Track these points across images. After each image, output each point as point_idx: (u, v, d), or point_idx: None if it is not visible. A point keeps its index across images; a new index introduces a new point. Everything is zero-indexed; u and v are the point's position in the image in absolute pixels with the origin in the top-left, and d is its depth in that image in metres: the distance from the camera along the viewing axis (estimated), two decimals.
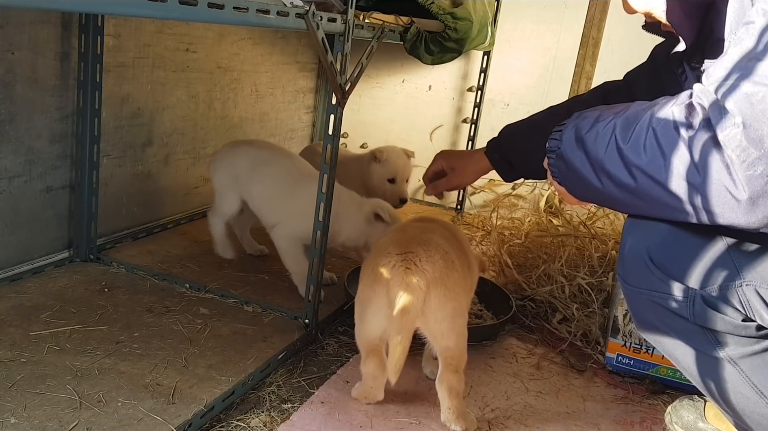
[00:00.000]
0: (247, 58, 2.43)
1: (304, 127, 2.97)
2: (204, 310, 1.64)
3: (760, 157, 0.78)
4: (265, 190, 1.80)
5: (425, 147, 2.92)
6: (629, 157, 0.91)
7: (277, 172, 1.80)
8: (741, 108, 0.79)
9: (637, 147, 0.90)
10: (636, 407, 1.50)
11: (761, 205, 0.79)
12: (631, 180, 0.92)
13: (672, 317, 1.01)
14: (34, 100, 1.64)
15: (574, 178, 1.03)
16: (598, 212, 2.44)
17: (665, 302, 1.01)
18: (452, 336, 1.26)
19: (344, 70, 1.43)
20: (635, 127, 0.91)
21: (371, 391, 1.35)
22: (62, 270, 1.77)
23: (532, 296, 1.93)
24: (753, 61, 0.80)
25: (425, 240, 1.30)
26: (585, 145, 0.99)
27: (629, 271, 1.06)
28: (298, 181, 1.77)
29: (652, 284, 1.02)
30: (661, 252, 1.01)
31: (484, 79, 2.70)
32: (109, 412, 1.19)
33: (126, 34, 1.87)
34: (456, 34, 1.95)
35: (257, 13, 1.17)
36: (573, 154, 1.02)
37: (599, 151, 0.96)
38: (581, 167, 1.00)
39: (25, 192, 1.68)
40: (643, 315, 1.08)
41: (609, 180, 0.95)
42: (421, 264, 1.23)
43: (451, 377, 1.26)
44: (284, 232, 1.74)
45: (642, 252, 1.03)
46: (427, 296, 1.21)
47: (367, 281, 1.29)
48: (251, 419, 1.27)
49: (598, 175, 0.97)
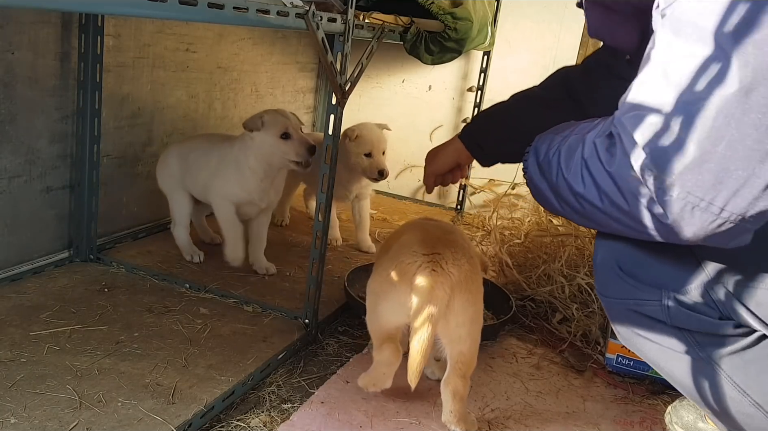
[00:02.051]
0: (247, 58, 2.43)
1: (304, 127, 2.96)
2: (204, 310, 1.64)
3: (672, 183, 0.79)
4: (197, 172, 1.89)
5: (425, 147, 2.89)
6: (573, 186, 0.95)
7: (199, 152, 1.91)
8: (645, 137, 0.81)
9: (576, 176, 0.94)
10: (636, 407, 1.50)
11: (687, 224, 0.81)
12: (578, 205, 0.95)
13: (650, 323, 1.03)
14: (34, 100, 1.64)
15: (541, 200, 1.07)
16: None
17: (641, 308, 1.03)
18: (468, 341, 1.25)
19: (344, 70, 1.43)
20: (574, 156, 0.95)
21: (382, 378, 1.32)
22: (62, 270, 1.77)
23: (532, 296, 1.93)
24: (653, 85, 0.82)
25: (450, 241, 1.28)
26: (543, 171, 1.03)
27: (603, 283, 1.09)
28: (214, 149, 1.88)
29: (626, 292, 1.04)
30: (629, 260, 1.04)
31: (484, 79, 2.70)
32: (109, 412, 1.19)
33: (126, 34, 1.87)
34: (456, 34, 1.95)
35: (257, 13, 1.17)
36: (537, 178, 1.06)
37: (553, 178, 1.00)
38: (544, 190, 1.04)
39: (25, 192, 1.68)
40: (623, 324, 1.09)
41: (565, 204, 0.99)
42: (447, 267, 1.21)
43: (458, 381, 1.26)
44: (216, 198, 1.86)
45: (612, 263, 1.06)
46: (451, 300, 1.20)
47: (385, 274, 1.27)
48: (251, 419, 1.27)
49: (557, 198, 1.01)
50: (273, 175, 1.85)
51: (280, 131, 1.76)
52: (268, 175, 1.83)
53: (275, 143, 1.76)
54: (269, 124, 1.76)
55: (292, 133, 1.77)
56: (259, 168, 1.80)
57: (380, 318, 1.29)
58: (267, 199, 1.88)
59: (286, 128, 1.76)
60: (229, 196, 1.83)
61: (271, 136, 1.76)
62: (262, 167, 1.80)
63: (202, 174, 1.88)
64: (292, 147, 1.76)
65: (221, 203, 1.84)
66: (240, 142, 1.82)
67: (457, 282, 1.21)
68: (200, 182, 1.89)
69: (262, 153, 1.78)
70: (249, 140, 1.78)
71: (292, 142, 1.76)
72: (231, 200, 1.84)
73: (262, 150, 1.77)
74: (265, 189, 1.84)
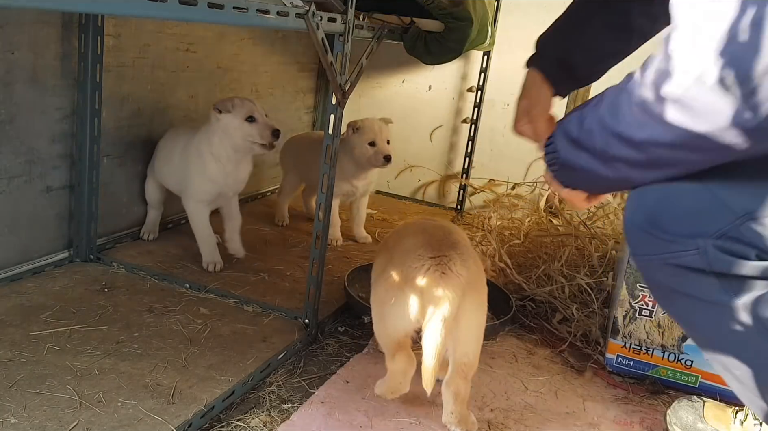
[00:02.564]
0: (247, 58, 2.43)
1: (304, 127, 2.97)
2: (204, 310, 1.64)
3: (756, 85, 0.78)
4: (164, 164, 1.99)
5: (425, 147, 2.92)
6: (632, 136, 0.92)
7: (167, 144, 1.99)
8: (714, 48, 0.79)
9: (633, 124, 0.91)
10: (636, 407, 1.50)
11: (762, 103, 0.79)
12: (642, 155, 0.93)
13: (687, 273, 1.00)
14: (34, 100, 1.64)
15: (585, 178, 1.04)
16: (598, 212, 2.44)
17: (678, 260, 1.00)
18: (474, 342, 1.25)
19: (344, 70, 1.43)
20: (621, 107, 0.92)
21: (400, 386, 1.31)
22: (62, 270, 1.77)
23: (532, 296, 1.93)
24: None
25: (455, 242, 1.27)
26: (581, 144, 1.00)
27: (635, 244, 1.06)
28: (179, 140, 1.95)
29: (659, 247, 1.02)
30: (656, 214, 1.01)
31: (484, 79, 2.69)
32: (109, 412, 1.19)
33: (126, 34, 1.87)
34: (456, 34, 1.95)
35: (257, 13, 1.17)
36: (573, 156, 1.03)
37: (597, 144, 0.97)
38: (585, 164, 1.01)
39: (25, 192, 1.68)
40: (658, 282, 1.06)
41: (620, 164, 0.96)
42: (456, 269, 1.20)
43: (460, 383, 1.26)
44: (189, 203, 1.93)
45: (640, 221, 1.04)
46: (462, 302, 1.19)
47: (391, 281, 1.25)
48: (251, 419, 1.27)
49: (606, 163, 0.98)
50: (237, 161, 1.89)
51: (246, 114, 1.82)
52: (231, 160, 1.87)
53: (240, 125, 1.82)
54: (237, 107, 1.82)
55: (258, 117, 1.83)
56: (222, 153, 1.85)
57: (389, 327, 1.27)
58: (234, 187, 1.94)
59: (252, 112, 1.83)
60: (200, 195, 1.89)
61: (237, 119, 1.82)
62: (225, 152, 1.85)
63: (165, 168, 1.98)
64: (256, 129, 1.82)
65: (195, 208, 1.91)
66: (203, 130, 1.88)
67: (467, 284, 1.20)
68: (166, 174, 1.99)
69: (226, 135, 1.83)
70: (215, 123, 1.84)
71: (257, 124, 1.83)
72: (203, 200, 1.89)
73: (227, 132, 1.83)
74: (229, 174, 1.89)
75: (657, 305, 1.54)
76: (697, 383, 1.56)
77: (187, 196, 1.92)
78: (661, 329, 1.56)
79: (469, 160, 2.78)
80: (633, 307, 1.57)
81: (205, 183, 1.88)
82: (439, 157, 2.92)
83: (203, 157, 1.86)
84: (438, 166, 2.92)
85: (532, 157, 2.71)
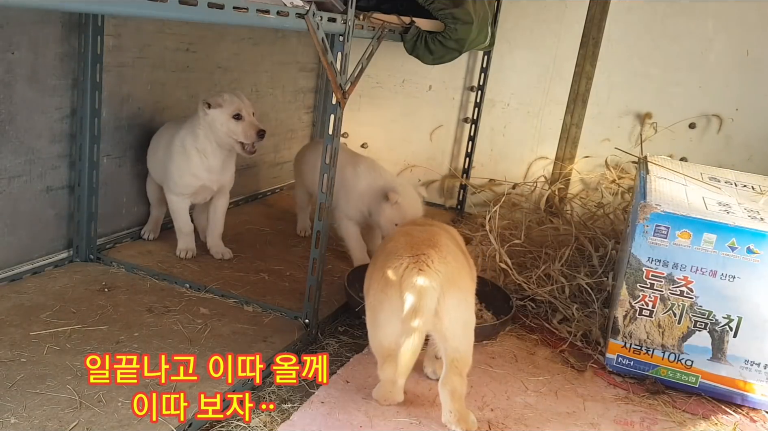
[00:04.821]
0: (247, 58, 2.43)
1: (304, 126, 2.96)
2: (204, 310, 1.64)
3: None
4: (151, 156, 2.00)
5: (425, 147, 2.92)
6: None
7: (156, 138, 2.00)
8: None
9: None
10: (636, 407, 1.50)
11: None
12: None
13: None
14: (34, 100, 1.64)
15: None
16: (598, 212, 2.44)
17: None
18: (462, 337, 1.27)
19: (344, 70, 1.43)
20: None
21: (390, 395, 1.35)
22: (62, 270, 1.77)
23: (532, 296, 1.92)
24: None
25: (435, 242, 1.30)
26: None
27: None
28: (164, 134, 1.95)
29: None
30: None
31: (484, 78, 2.69)
32: (109, 412, 1.19)
33: (126, 34, 1.87)
34: (456, 34, 1.95)
35: (257, 13, 1.17)
36: None
37: None
38: None
39: (25, 192, 1.68)
40: None
41: None
42: (434, 266, 1.23)
43: (455, 380, 1.27)
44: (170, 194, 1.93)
45: None
46: (441, 297, 1.22)
47: (378, 285, 1.29)
48: (251, 419, 1.26)
49: None
50: (222, 157, 1.89)
51: (233, 111, 1.81)
52: (215, 155, 1.88)
53: (226, 121, 1.82)
54: (227, 103, 1.82)
55: (245, 115, 1.83)
56: (207, 147, 1.86)
57: (379, 332, 1.30)
58: (218, 182, 1.94)
59: (240, 110, 1.82)
60: (181, 189, 1.90)
61: (225, 115, 1.81)
62: (210, 146, 1.86)
63: (151, 159, 1.99)
64: (241, 128, 1.82)
65: (175, 200, 1.93)
66: (189, 123, 1.88)
67: (446, 280, 1.22)
68: (151, 165, 2.00)
69: (212, 130, 1.83)
70: (202, 117, 1.83)
71: (243, 123, 1.82)
72: (184, 193, 1.91)
73: (213, 127, 1.83)
74: (212, 169, 1.89)
75: (657, 305, 1.54)
76: (697, 383, 1.56)
77: (168, 188, 1.93)
78: (661, 329, 1.56)
79: (469, 160, 2.78)
80: (633, 307, 1.56)
81: (186, 176, 1.88)
82: (439, 157, 2.92)
83: (189, 153, 1.86)
84: (438, 165, 2.92)
85: (532, 157, 2.71)
